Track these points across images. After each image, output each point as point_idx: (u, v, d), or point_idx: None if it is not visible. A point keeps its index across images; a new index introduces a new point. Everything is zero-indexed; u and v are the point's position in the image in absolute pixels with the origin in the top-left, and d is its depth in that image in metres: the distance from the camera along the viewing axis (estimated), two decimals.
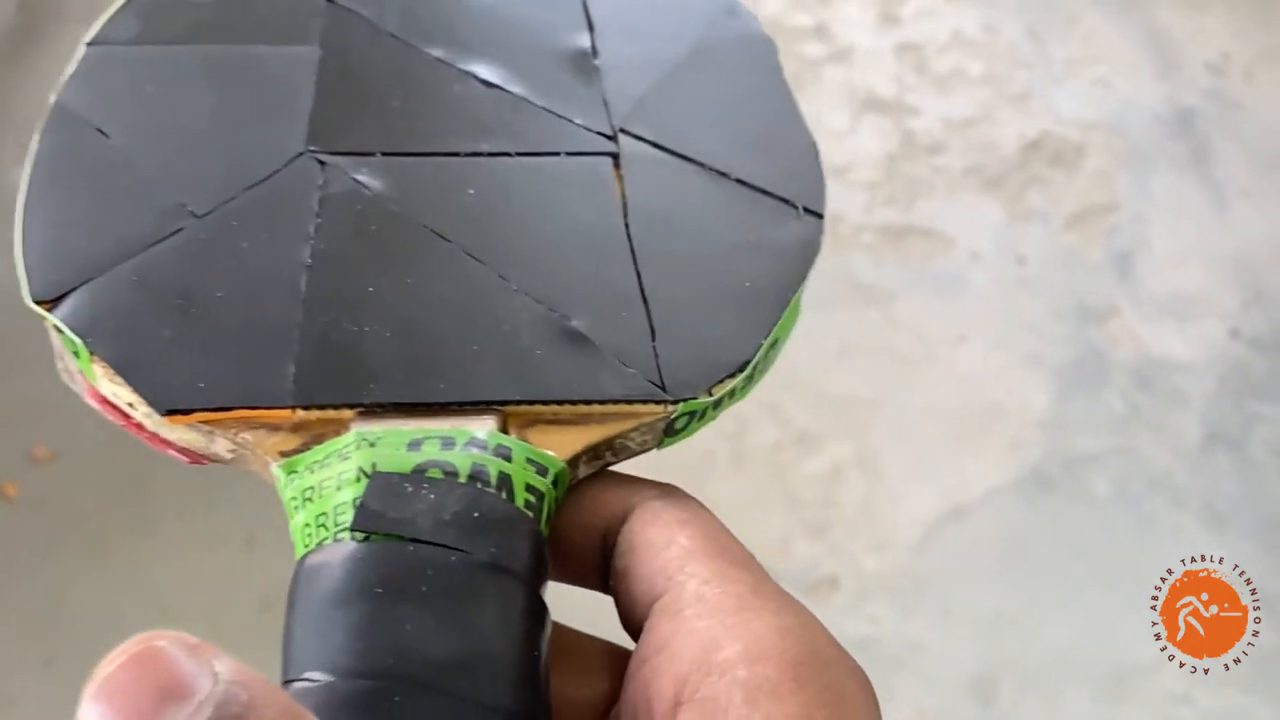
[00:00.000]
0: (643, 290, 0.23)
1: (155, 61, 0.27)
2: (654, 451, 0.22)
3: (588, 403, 0.21)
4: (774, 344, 0.23)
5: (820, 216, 0.25)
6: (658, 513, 0.20)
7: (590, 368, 0.22)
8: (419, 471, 0.19)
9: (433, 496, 0.19)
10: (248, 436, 0.21)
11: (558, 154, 0.26)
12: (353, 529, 0.18)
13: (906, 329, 0.78)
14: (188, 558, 0.64)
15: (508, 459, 0.20)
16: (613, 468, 0.22)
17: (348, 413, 0.21)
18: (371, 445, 0.20)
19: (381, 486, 0.19)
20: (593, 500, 0.21)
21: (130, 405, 0.21)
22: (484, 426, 0.21)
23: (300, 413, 0.21)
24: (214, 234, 0.23)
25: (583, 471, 0.21)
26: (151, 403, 0.21)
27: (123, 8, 0.28)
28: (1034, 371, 0.78)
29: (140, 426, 0.21)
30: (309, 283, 0.23)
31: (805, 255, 0.24)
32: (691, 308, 0.23)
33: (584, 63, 0.28)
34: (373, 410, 0.21)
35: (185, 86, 0.27)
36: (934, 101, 0.94)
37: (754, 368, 0.22)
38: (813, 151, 0.26)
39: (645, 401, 0.21)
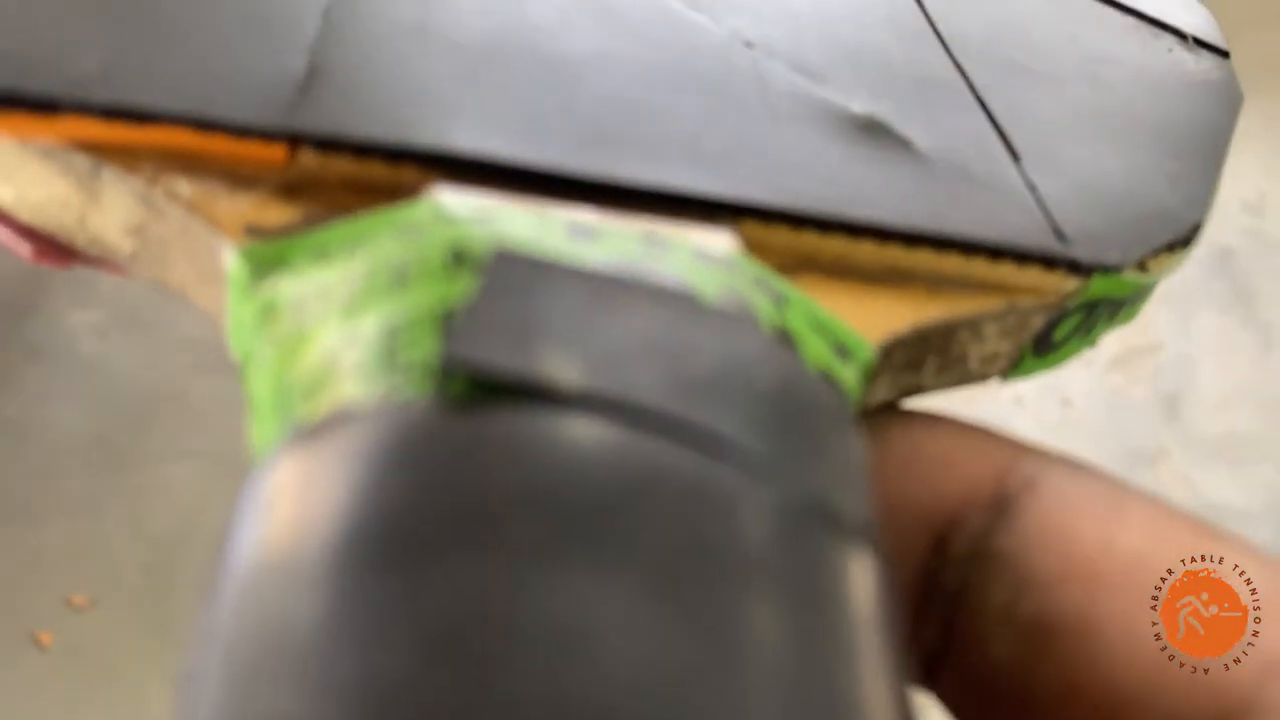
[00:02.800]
0: (970, 82, 0.13)
1: None
2: None
3: (912, 241, 0.11)
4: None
5: (1226, 55, 0.15)
6: (1120, 501, 0.09)
7: (909, 178, 0.11)
8: (609, 274, 0.09)
9: (650, 320, 0.08)
10: (180, 188, 0.09)
11: None
12: (444, 369, 0.07)
13: None
14: None
15: (779, 304, 0.09)
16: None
17: (414, 173, 0.10)
18: (480, 223, 0.09)
19: (520, 280, 0.08)
20: (915, 456, 0.10)
21: None
22: (717, 242, 0.10)
23: (308, 155, 0.10)
24: None
25: (879, 394, 0.11)
26: None
27: None
28: None
29: None
30: None
31: (1223, 95, 0.14)
32: (1064, 128, 0.13)
33: None
34: (469, 178, 0.10)
35: None
36: None
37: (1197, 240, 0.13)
38: None
39: (1029, 259, 0.11)
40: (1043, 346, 0.12)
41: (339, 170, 0.10)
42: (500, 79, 0.11)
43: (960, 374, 0.12)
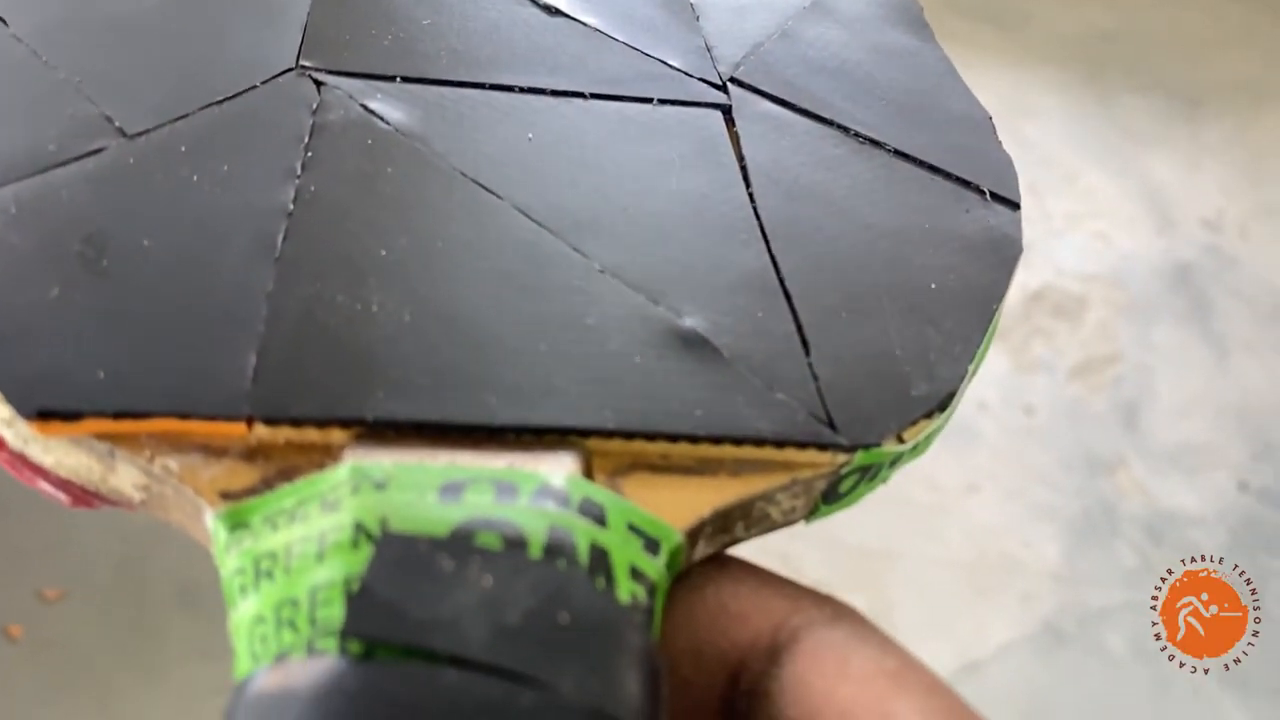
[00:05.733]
0: (782, 281, 0.16)
1: None
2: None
3: (717, 441, 0.14)
4: (972, 375, 0.16)
5: (1016, 207, 0.18)
6: (844, 655, 0.12)
7: (718, 388, 0.14)
8: (461, 537, 0.12)
9: (488, 582, 0.11)
10: (171, 464, 0.13)
11: (649, 100, 0.19)
12: (344, 635, 0.11)
13: (918, 478, 0.79)
14: (193, 707, 0.63)
15: (600, 522, 0.12)
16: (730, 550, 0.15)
17: (339, 433, 0.13)
18: (379, 488, 0.12)
19: (397, 560, 0.11)
20: (719, 609, 0.13)
21: None
22: (559, 469, 0.13)
23: (262, 429, 0.13)
24: (148, 161, 0.16)
25: (700, 552, 0.14)
26: (13, 399, 0.13)
27: None
28: (1045, 523, 0.78)
29: None
30: (290, 234, 0.15)
31: (1003, 254, 0.17)
32: (856, 312, 0.16)
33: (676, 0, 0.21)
34: (380, 433, 0.13)
35: None
36: None
37: (955, 403, 0.15)
38: (988, 126, 0.20)
39: (806, 445, 0.14)
40: (831, 498, 0.15)
41: (285, 436, 0.13)
42: (408, 346, 0.14)
43: (768, 526, 0.15)
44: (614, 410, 0.14)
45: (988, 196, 0.18)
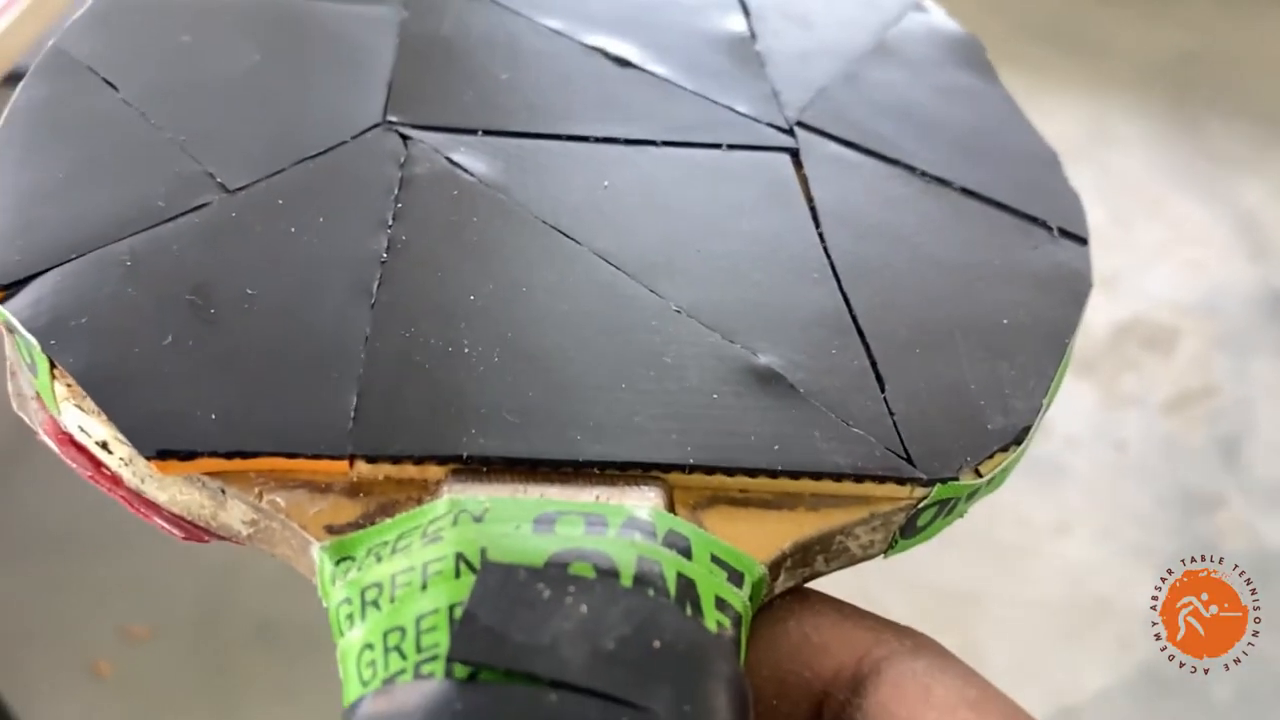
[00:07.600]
0: (855, 318, 0.16)
1: (189, 6, 0.21)
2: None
3: (795, 475, 0.14)
4: (1046, 409, 0.16)
5: (1084, 242, 0.18)
6: (926, 685, 0.12)
7: (795, 423, 0.15)
8: (557, 566, 0.12)
9: (584, 609, 0.12)
10: (279, 499, 0.14)
11: (719, 146, 0.19)
12: (450, 660, 0.12)
13: (1006, 517, 0.76)
14: None
15: (686, 554, 0.13)
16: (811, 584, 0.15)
17: (435, 469, 0.14)
18: (477, 520, 0.13)
19: (498, 588, 0.12)
20: (802, 641, 0.13)
21: (103, 446, 0.15)
22: (644, 502, 0.14)
23: (363, 466, 0.14)
24: (249, 214, 0.17)
25: (780, 584, 0.14)
26: (134, 440, 0.14)
27: None
28: (1141, 564, 0.75)
29: (116, 480, 0.15)
30: (385, 281, 0.16)
31: (1074, 289, 0.17)
32: (928, 347, 0.16)
33: (743, 48, 0.22)
34: (474, 468, 0.14)
35: (227, 39, 0.20)
36: None
37: (1030, 437, 0.16)
38: (1054, 162, 0.20)
39: (884, 479, 0.14)
40: (910, 531, 0.15)
41: (385, 472, 0.14)
42: (498, 386, 0.15)
43: (847, 560, 0.15)
44: (694, 446, 0.14)
45: (1055, 232, 0.18)
